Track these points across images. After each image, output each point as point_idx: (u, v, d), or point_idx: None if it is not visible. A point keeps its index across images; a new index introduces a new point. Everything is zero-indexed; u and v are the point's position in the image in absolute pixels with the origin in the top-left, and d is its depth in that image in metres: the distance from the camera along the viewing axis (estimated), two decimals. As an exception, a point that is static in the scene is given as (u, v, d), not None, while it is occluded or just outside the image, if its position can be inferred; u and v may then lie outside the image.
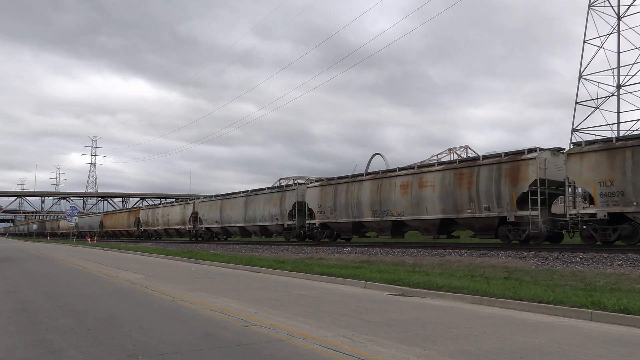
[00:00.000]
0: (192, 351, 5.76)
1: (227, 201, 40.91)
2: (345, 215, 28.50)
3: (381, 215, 26.05)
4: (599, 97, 48.55)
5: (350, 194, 28.25)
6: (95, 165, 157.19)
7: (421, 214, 23.96)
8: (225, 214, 40.83)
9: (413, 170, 25.20)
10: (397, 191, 25.21)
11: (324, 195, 30.17)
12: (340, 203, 28.72)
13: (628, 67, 47.31)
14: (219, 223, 41.83)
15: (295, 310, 8.75)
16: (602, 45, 48.47)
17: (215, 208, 42.36)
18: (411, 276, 12.94)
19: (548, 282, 11.72)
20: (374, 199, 26.49)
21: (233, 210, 39.71)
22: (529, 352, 5.78)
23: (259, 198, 36.57)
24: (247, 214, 37.70)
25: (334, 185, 29.61)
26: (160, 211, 54.73)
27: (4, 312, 8.62)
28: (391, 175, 26.12)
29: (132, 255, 30.18)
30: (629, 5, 47.80)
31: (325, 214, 29.92)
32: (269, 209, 35.17)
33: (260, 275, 16.37)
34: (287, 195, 33.71)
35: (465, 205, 22.13)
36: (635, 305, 8.01)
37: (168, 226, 51.73)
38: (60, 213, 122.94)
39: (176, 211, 50.50)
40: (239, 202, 39.01)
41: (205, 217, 44.05)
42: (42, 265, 21.13)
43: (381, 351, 5.79)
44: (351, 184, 28.41)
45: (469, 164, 22.59)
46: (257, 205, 36.61)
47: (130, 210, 66.87)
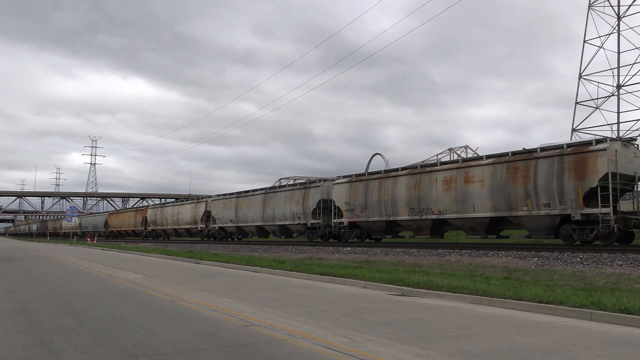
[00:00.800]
0: (192, 351, 5.76)
1: (243, 199, 38.74)
2: (377, 214, 26.15)
3: (420, 213, 23.86)
4: (599, 97, 48.59)
5: (383, 190, 25.81)
6: (95, 165, 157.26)
7: (467, 212, 21.79)
8: (241, 212, 38.70)
9: (457, 164, 23.01)
10: (439, 187, 22.91)
11: (353, 192, 27.85)
12: (372, 200, 26.37)
13: (628, 67, 47.36)
14: (234, 222, 39.70)
15: (295, 310, 8.75)
16: (602, 45, 48.49)
17: (230, 206, 40.21)
18: (411, 276, 12.94)
19: (548, 282, 11.72)
20: (412, 195, 24.28)
21: (250, 208, 37.60)
22: (529, 352, 5.78)
23: (279, 196, 34.45)
24: (265, 213, 35.54)
25: (365, 182, 27.15)
26: (169, 210, 52.43)
27: (4, 312, 8.62)
28: (431, 169, 23.79)
29: (132, 255, 30.18)
30: (629, 5, 47.82)
31: (355, 212, 27.63)
32: (290, 207, 33.00)
33: (260, 275, 16.37)
34: (310, 193, 31.46)
35: (520, 202, 19.96)
36: (635, 305, 8.01)
37: (178, 226, 49.60)
38: (61, 213, 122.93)
39: (187, 210, 48.20)
40: (256, 200, 36.84)
41: (219, 216, 41.79)
42: (42, 265, 21.13)
43: (381, 351, 5.79)
44: (384, 180, 25.93)
45: (524, 157, 20.22)
46: (276, 204, 34.40)
47: (137, 209, 64.50)
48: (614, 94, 48.22)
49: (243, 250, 29.02)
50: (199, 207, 46.06)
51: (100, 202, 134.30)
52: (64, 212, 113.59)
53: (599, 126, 48.59)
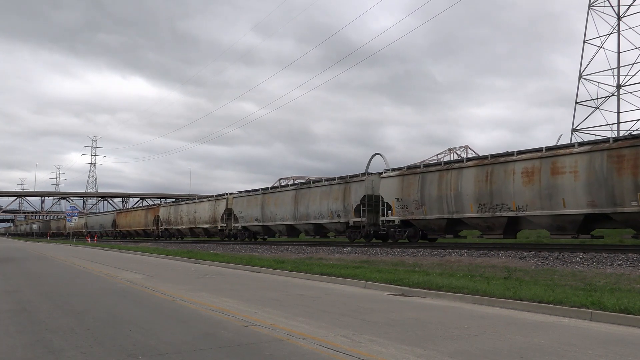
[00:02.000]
0: (192, 351, 5.76)
1: (271, 196, 35.64)
2: (437, 211, 23.16)
3: (492, 210, 20.96)
4: (599, 97, 48.62)
5: (445, 184, 22.87)
6: (95, 165, 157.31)
7: (555, 208, 18.97)
8: (268, 210, 35.43)
9: (541, 152, 19.90)
10: (518, 180, 20.07)
11: (407, 186, 24.78)
12: (430, 196, 23.46)
13: (628, 67, 47.38)
14: (259, 221, 36.37)
15: (295, 310, 8.76)
16: (602, 45, 48.51)
17: (255, 204, 36.86)
18: (411, 276, 12.94)
19: (548, 282, 11.72)
20: (482, 190, 21.36)
21: (278, 206, 34.34)
22: (529, 352, 5.78)
23: (314, 192, 31.20)
24: (297, 211, 32.33)
25: (421, 175, 24.22)
26: (184, 208, 48.72)
27: (4, 312, 8.62)
28: (507, 160, 20.89)
29: (132, 255, 30.19)
30: (629, 5, 47.84)
31: (408, 209, 24.59)
32: (327, 204, 29.77)
33: (260, 275, 16.37)
34: (352, 188, 28.29)
35: (627, 197, 17.23)
36: (635, 305, 8.01)
37: (194, 225, 46.03)
38: (61, 213, 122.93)
39: (204, 208, 44.64)
40: (286, 196, 33.71)
41: (242, 215, 38.45)
42: (42, 265, 21.13)
43: (381, 351, 5.79)
44: (446, 173, 22.97)
45: (631, 143, 17.58)
46: (310, 200, 31.17)
47: (148, 207, 61.23)
48: (614, 94, 48.24)
49: (243, 250, 29.02)
50: (218, 204, 42.56)
51: (100, 202, 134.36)
52: (64, 212, 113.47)
53: (599, 126, 48.64)
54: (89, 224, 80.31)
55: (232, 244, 36.27)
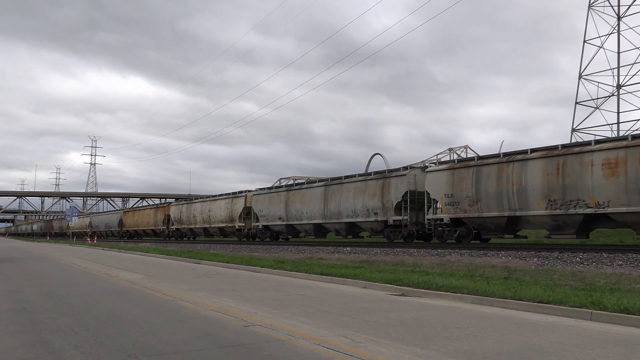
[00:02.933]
0: (192, 351, 5.76)
1: (296, 193, 33.10)
2: (495, 208, 20.95)
3: (564, 206, 18.75)
4: (599, 97, 48.64)
5: (505, 178, 20.61)
6: (95, 165, 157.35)
7: None
8: (293, 208, 32.95)
9: (625, 141, 17.65)
10: (597, 172, 17.89)
11: (458, 181, 22.51)
12: (488, 191, 21.23)
13: (628, 67, 47.40)
14: (283, 220, 33.99)
15: (295, 310, 8.76)
16: (602, 45, 48.52)
17: (278, 202, 34.38)
18: (411, 276, 12.94)
19: (548, 282, 11.72)
20: (552, 184, 19.14)
21: (305, 203, 31.85)
22: (529, 352, 5.78)
23: (347, 188, 28.79)
24: (327, 208, 29.92)
25: (475, 168, 22.03)
26: (198, 207, 46.08)
27: (4, 312, 8.62)
28: (582, 150, 18.75)
29: (132, 255, 30.19)
30: (629, 5, 47.86)
31: (460, 206, 22.35)
32: (363, 201, 27.38)
33: (260, 275, 16.37)
34: (392, 183, 25.87)
35: None
36: (635, 305, 8.01)
37: (209, 224, 43.46)
38: (60, 213, 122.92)
39: (220, 206, 41.87)
40: (314, 193, 31.26)
41: (263, 213, 35.93)
42: (42, 265, 21.13)
43: (381, 351, 5.79)
44: (506, 165, 20.72)
45: None
46: (343, 197, 28.78)
47: (157, 206, 58.28)
48: (614, 94, 48.26)
49: (243, 250, 29.02)
50: (236, 202, 39.85)
51: (100, 202, 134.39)
52: (64, 212, 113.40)
53: (599, 126, 48.67)
54: (93, 224, 78.15)
55: (235, 244, 36.14)
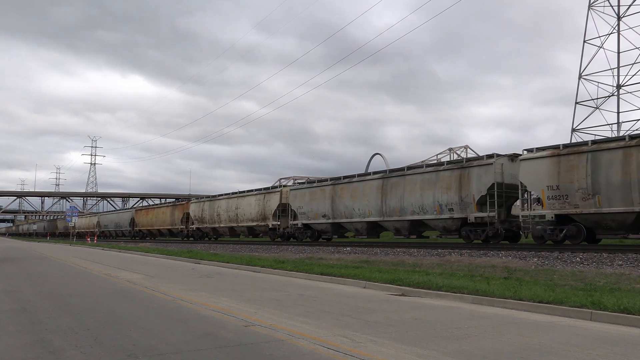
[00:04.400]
0: (192, 351, 5.76)
1: (345, 187, 29.34)
2: (621, 202, 17.52)
3: None
4: (599, 97, 48.65)
5: (636, 166, 17.19)
6: (95, 165, 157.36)
7: None
8: (341, 204, 29.23)
9: None
10: None
11: (566, 170, 19.07)
12: (609, 182, 17.78)
13: (628, 67, 47.40)
14: (328, 217, 30.27)
15: (295, 310, 8.76)
16: (602, 45, 48.53)
17: (322, 197, 30.74)
18: (411, 276, 12.94)
19: (548, 282, 11.72)
20: None
21: (357, 198, 28.22)
22: (529, 352, 5.78)
23: (411, 180, 25.19)
24: (385, 204, 26.26)
25: (590, 154, 18.49)
26: (223, 204, 42.06)
27: (4, 312, 8.62)
28: None
29: (132, 255, 30.19)
30: (629, 5, 47.87)
31: (570, 200, 18.90)
32: (433, 195, 23.86)
33: (261, 275, 16.37)
34: (473, 174, 22.36)
35: None
36: (635, 305, 8.01)
37: (236, 223, 39.73)
38: (61, 213, 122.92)
39: (250, 203, 38.09)
40: (368, 187, 27.60)
41: (303, 210, 32.23)
42: (42, 265, 21.13)
43: (381, 351, 5.79)
44: (636, 150, 17.31)
45: None
46: (406, 191, 25.21)
47: (174, 204, 54.05)
48: (614, 94, 48.27)
49: (243, 250, 29.02)
50: (270, 199, 36.21)
51: (100, 202, 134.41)
52: (64, 212, 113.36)
53: (599, 126, 48.67)
54: (102, 223, 73.97)
55: (233, 244, 36.06)
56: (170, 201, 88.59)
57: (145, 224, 58.10)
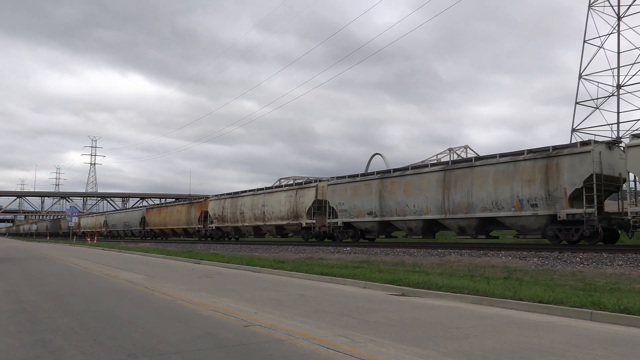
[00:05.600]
0: (192, 351, 5.76)
1: (396, 180, 25.79)
2: None
3: None
4: (599, 97, 48.67)
5: None
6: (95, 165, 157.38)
7: None
8: (392, 200, 25.78)
9: None
10: None
11: None
12: None
13: (628, 67, 47.41)
14: (375, 215, 26.84)
15: (295, 310, 8.76)
16: (602, 45, 48.54)
17: (368, 192, 27.38)
18: (411, 276, 12.94)
19: (548, 282, 11.72)
20: None
21: (412, 193, 24.81)
22: (529, 352, 5.78)
23: (482, 172, 21.90)
24: (448, 199, 23.02)
25: None
26: (247, 201, 38.64)
27: (4, 312, 8.62)
28: None
29: (132, 255, 30.19)
30: (629, 5, 47.88)
31: None
32: (511, 188, 20.58)
33: (260, 275, 16.37)
34: (564, 164, 19.27)
35: None
36: (635, 305, 8.02)
37: (263, 222, 36.52)
38: (61, 213, 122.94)
39: (280, 200, 34.80)
40: (426, 180, 24.24)
41: (345, 207, 28.81)
42: (42, 265, 21.13)
43: (381, 351, 5.79)
44: None
45: None
46: (475, 184, 21.97)
47: (191, 202, 50.04)
48: (614, 94, 48.27)
49: (243, 250, 29.02)
50: (303, 195, 32.84)
51: (100, 202, 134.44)
52: (64, 212, 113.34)
53: (599, 126, 48.67)
54: (109, 223, 70.12)
55: (233, 244, 36.02)
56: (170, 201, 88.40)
57: (158, 223, 54.78)
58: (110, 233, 69.05)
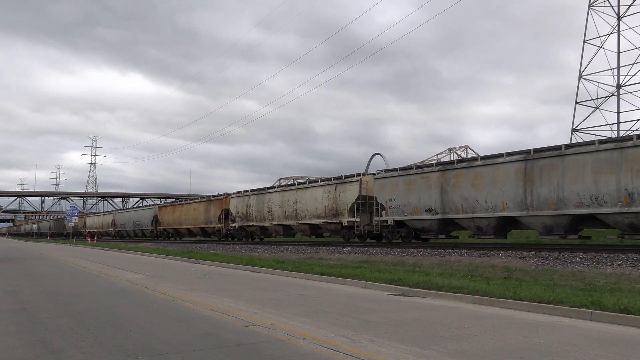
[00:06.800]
0: (192, 351, 5.76)
1: (463, 172, 22.47)
2: None
3: None
4: (599, 97, 48.69)
5: None
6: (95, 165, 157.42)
7: None
8: (455, 195, 22.48)
9: None
10: None
11: None
12: None
13: (628, 67, 47.42)
14: (434, 212, 23.40)
15: (295, 310, 8.76)
16: (602, 45, 48.55)
17: (425, 186, 23.92)
18: (411, 276, 12.95)
19: (548, 282, 11.72)
20: None
21: (482, 187, 21.44)
22: (529, 352, 5.78)
23: (577, 162, 18.46)
24: (531, 193, 19.57)
25: None
26: (276, 198, 35.28)
27: (4, 312, 8.62)
28: None
29: (132, 255, 30.19)
30: (629, 5, 47.89)
31: None
32: (617, 180, 17.31)
33: (260, 275, 16.38)
34: None
35: None
36: (635, 305, 8.02)
37: (295, 220, 33.04)
38: (61, 213, 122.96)
39: (315, 196, 31.38)
40: (502, 172, 20.79)
41: (396, 203, 25.32)
42: (42, 265, 21.13)
43: (381, 351, 5.80)
44: None
45: None
46: (567, 176, 18.62)
47: (210, 199, 45.94)
48: (614, 94, 48.29)
49: (243, 250, 29.02)
50: (344, 190, 29.36)
51: (100, 202, 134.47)
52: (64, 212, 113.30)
53: (599, 126, 48.69)
54: (117, 222, 66.54)
55: (233, 244, 36.00)
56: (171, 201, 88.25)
57: (172, 222, 51.35)
58: (119, 233, 65.72)
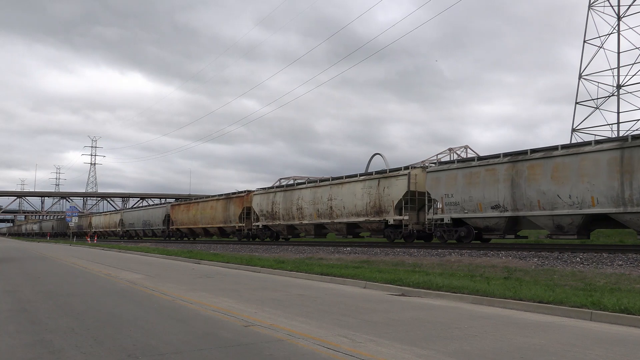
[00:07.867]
0: (192, 351, 5.76)
1: (538, 164, 19.57)
2: None
3: None
4: (599, 97, 48.70)
5: None
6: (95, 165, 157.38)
7: None
8: (530, 189, 19.66)
9: None
10: None
11: None
12: None
13: (628, 67, 47.44)
14: (503, 209, 20.57)
15: (295, 310, 8.76)
16: (602, 45, 48.56)
17: (491, 180, 21.16)
18: (411, 276, 12.95)
19: (548, 282, 11.72)
20: None
21: (564, 180, 18.64)
22: (529, 352, 5.78)
23: None
24: (631, 187, 16.90)
25: None
26: (307, 194, 32.19)
27: (4, 312, 8.62)
28: None
29: (132, 255, 30.19)
30: (629, 5, 47.90)
31: None
32: None
33: (261, 275, 16.38)
34: None
35: None
36: (635, 305, 8.02)
37: (330, 219, 30.01)
38: (61, 213, 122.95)
39: (354, 192, 28.41)
40: (590, 162, 18.01)
41: (454, 199, 22.57)
42: (42, 265, 21.13)
43: (381, 351, 5.80)
44: None
45: None
46: None
47: (229, 196, 41.89)
48: (614, 94, 48.30)
49: (243, 250, 29.02)
50: (389, 186, 26.24)
51: (100, 202, 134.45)
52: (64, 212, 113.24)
53: (599, 126, 48.71)
54: (126, 222, 63.43)
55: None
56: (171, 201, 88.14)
57: (186, 221, 47.97)
58: (127, 233, 62.62)
